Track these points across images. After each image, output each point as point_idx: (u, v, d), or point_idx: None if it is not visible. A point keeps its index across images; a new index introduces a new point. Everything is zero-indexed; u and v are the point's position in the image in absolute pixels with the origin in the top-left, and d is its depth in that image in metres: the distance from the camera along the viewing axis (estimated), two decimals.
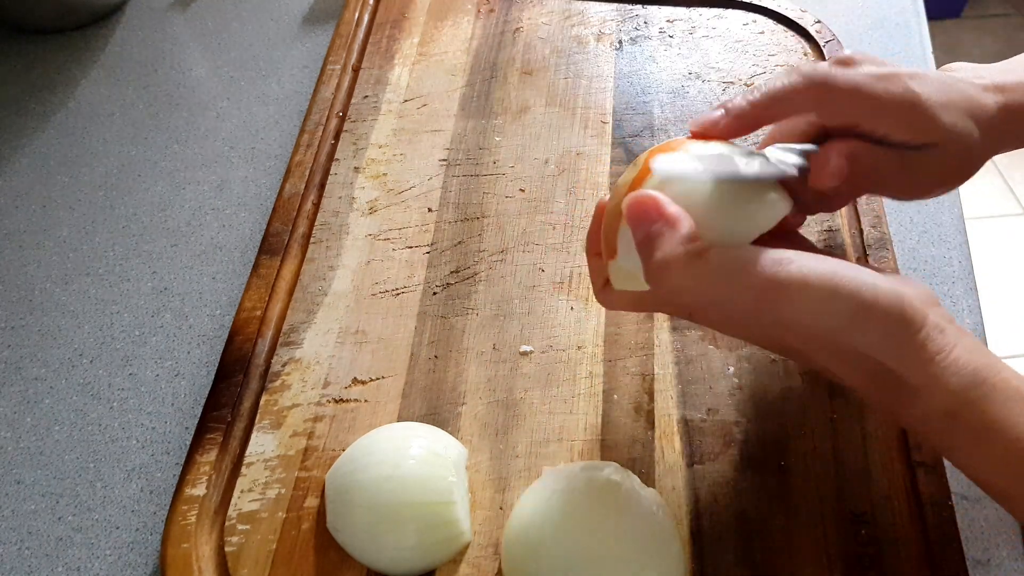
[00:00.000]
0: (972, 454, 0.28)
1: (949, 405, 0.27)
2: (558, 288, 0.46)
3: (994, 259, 1.50)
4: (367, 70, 0.59)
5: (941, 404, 0.27)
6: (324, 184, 0.52)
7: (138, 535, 0.40)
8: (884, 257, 0.45)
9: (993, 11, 1.99)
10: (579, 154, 0.52)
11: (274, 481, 0.39)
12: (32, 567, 0.39)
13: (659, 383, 0.41)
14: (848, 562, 0.35)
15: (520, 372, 0.42)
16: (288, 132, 0.58)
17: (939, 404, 0.27)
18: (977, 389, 0.27)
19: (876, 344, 0.27)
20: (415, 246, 0.48)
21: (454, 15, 0.62)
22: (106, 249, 0.52)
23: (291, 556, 0.37)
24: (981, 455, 0.28)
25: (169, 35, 0.66)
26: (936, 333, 0.28)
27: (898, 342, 0.27)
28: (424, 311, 0.45)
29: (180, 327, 0.47)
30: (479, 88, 0.57)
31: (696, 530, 0.36)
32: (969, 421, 0.27)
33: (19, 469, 0.42)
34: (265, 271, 0.47)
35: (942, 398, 0.27)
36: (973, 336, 0.29)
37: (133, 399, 0.45)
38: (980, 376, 0.27)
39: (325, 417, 0.41)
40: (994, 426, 0.27)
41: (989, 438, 0.27)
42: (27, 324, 0.48)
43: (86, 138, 0.58)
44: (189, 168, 0.56)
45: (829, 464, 0.38)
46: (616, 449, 0.39)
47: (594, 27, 0.60)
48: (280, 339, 0.44)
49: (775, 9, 0.59)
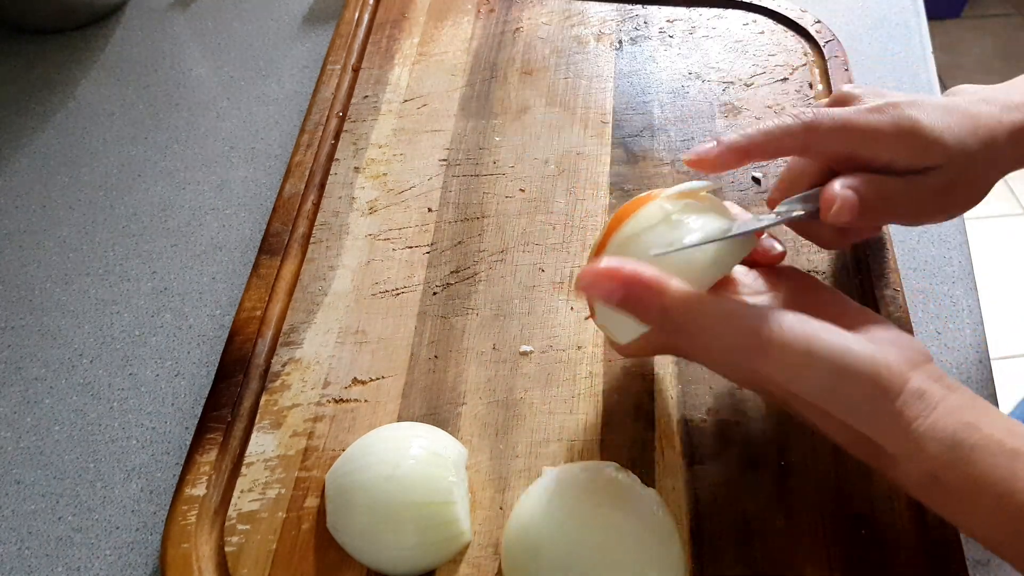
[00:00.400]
0: (960, 513, 0.28)
1: (930, 468, 0.27)
2: (558, 288, 0.46)
3: (994, 259, 1.50)
4: (367, 70, 0.59)
5: (922, 468, 0.27)
6: (324, 184, 0.52)
7: (138, 535, 0.40)
8: (884, 257, 0.45)
9: (993, 11, 1.99)
10: (579, 154, 0.52)
11: (274, 481, 0.39)
12: (32, 567, 0.39)
13: (659, 383, 0.41)
14: (848, 562, 0.35)
15: (520, 372, 0.42)
16: (288, 132, 0.58)
17: (919, 468, 0.27)
18: (957, 451, 0.27)
19: (850, 411, 0.27)
20: (415, 246, 0.48)
21: (454, 15, 0.62)
22: (106, 249, 0.52)
23: (291, 556, 0.37)
24: (970, 513, 0.27)
25: (169, 35, 0.66)
26: (914, 399, 0.27)
27: (873, 410, 0.27)
28: (424, 311, 0.45)
29: (180, 327, 0.47)
30: (479, 88, 0.57)
31: (696, 530, 0.36)
32: (952, 483, 0.27)
33: (19, 469, 0.42)
34: (265, 271, 0.47)
35: (922, 463, 0.27)
36: (963, 391, 0.29)
37: (133, 399, 0.45)
38: (959, 437, 0.27)
39: (325, 417, 0.41)
40: (979, 485, 0.26)
41: (975, 498, 0.27)
42: (27, 324, 0.48)
43: (86, 138, 0.58)
44: (189, 168, 0.56)
45: (829, 464, 0.38)
46: (616, 449, 0.39)
47: (594, 27, 0.60)
48: (280, 339, 0.44)
49: (775, 9, 0.59)
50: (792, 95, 0.54)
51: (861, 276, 0.45)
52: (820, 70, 0.56)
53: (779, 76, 0.56)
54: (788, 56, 0.57)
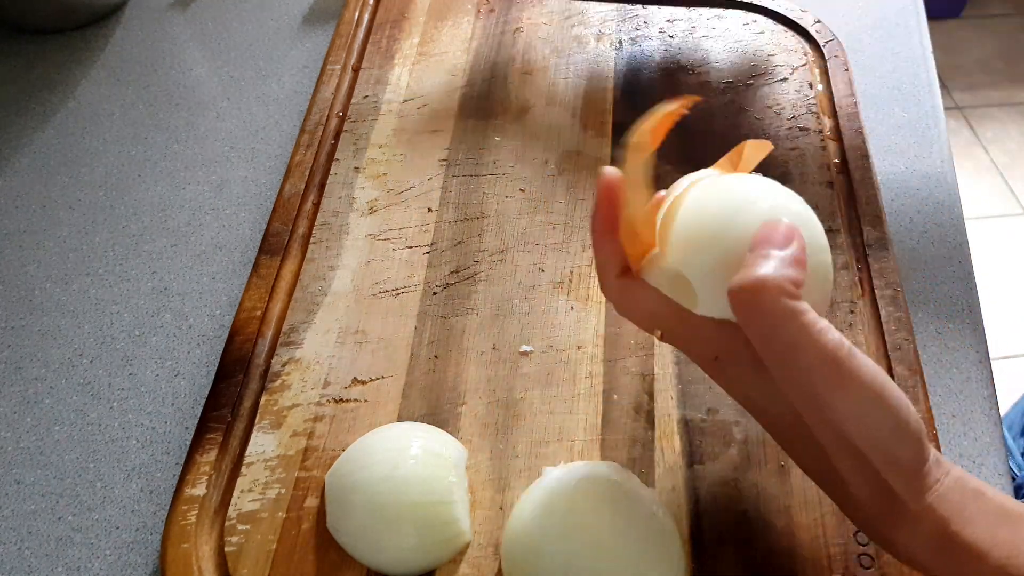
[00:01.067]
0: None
1: (936, 531, 0.27)
2: (558, 288, 0.46)
3: (994, 259, 1.50)
4: (367, 70, 0.59)
5: (928, 531, 0.28)
6: (324, 184, 0.52)
7: (138, 535, 0.40)
8: (884, 257, 0.45)
9: (993, 11, 1.99)
10: (579, 154, 0.52)
11: (274, 481, 0.39)
12: (32, 567, 0.39)
13: (659, 383, 0.41)
14: (848, 562, 0.35)
15: (520, 372, 0.42)
16: (288, 132, 0.58)
17: (927, 531, 0.28)
18: (960, 516, 0.27)
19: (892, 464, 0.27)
20: (415, 246, 0.48)
21: (454, 15, 0.62)
22: (106, 249, 0.52)
23: (291, 556, 0.37)
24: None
25: (169, 35, 0.66)
26: (935, 465, 0.28)
27: (911, 468, 0.27)
28: (424, 311, 0.45)
29: (180, 327, 0.47)
30: (479, 88, 0.57)
31: (696, 530, 0.36)
32: (953, 550, 0.27)
33: (19, 469, 0.42)
34: (265, 271, 0.47)
35: (930, 526, 0.27)
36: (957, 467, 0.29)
37: (133, 399, 0.45)
38: (963, 505, 0.27)
39: (325, 417, 0.41)
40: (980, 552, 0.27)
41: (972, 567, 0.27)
42: (27, 324, 0.48)
43: (86, 138, 0.58)
44: (189, 168, 0.56)
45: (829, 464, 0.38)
46: (616, 449, 0.39)
47: (594, 27, 0.60)
48: (280, 339, 0.44)
49: (775, 9, 0.59)
50: (792, 95, 0.54)
51: (861, 276, 0.45)
52: (820, 70, 0.56)
53: (779, 76, 0.56)
54: (788, 56, 0.57)
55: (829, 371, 0.26)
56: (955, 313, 0.45)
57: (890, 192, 0.51)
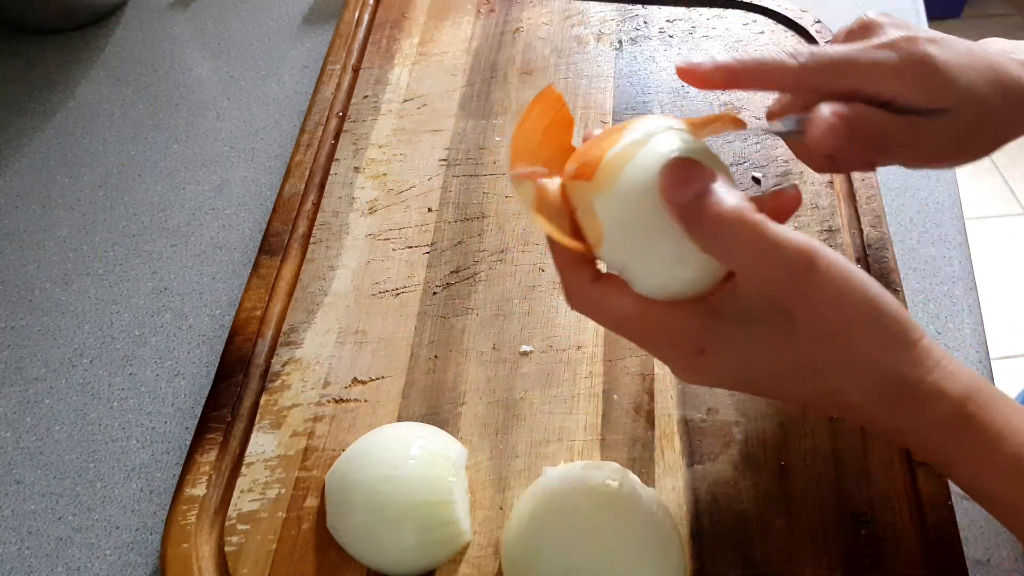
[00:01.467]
0: (974, 465, 0.28)
1: (951, 413, 0.27)
2: (558, 288, 0.46)
3: (994, 259, 1.50)
4: (367, 70, 0.59)
5: (944, 412, 0.27)
6: (324, 184, 0.52)
7: (138, 535, 0.40)
8: (884, 257, 0.45)
9: (993, 11, 1.99)
10: None
11: (274, 481, 0.39)
12: (32, 567, 0.39)
13: (659, 383, 0.41)
14: (848, 562, 0.35)
15: (520, 372, 0.42)
16: (288, 132, 0.58)
17: (942, 412, 0.27)
18: (977, 396, 0.27)
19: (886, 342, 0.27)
20: (415, 246, 0.48)
21: (454, 15, 0.62)
22: (106, 249, 0.52)
23: (291, 556, 0.37)
24: (983, 465, 0.28)
25: (169, 35, 0.66)
26: (931, 344, 0.28)
27: (905, 344, 0.27)
28: (424, 311, 0.45)
29: (180, 327, 0.48)
30: (479, 88, 0.57)
31: (696, 530, 0.36)
32: (971, 431, 0.27)
33: (19, 469, 0.42)
34: (265, 271, 0.47)
35: (945, 406, 0.27)
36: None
37: (133, 399, 0.45)
38: (976, 384, 0.27)
39: (325, 417, 0.41)
40: (997, 436, 0.27)
41: (991, 449, 0.27)
42: (27, 324, 0.48)
43: (86, 138, 0.58)
44: (189, 168, 0.56)
45: (829, 464, 0.38)
46: (616, 449, 0.39)
47: (594, 27, 0.60)
48: (280, 339, 0.44)
49: (775, 9, 0.59)
50: None
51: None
52: None
53: None
54: None
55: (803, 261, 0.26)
56: (955, 313, 0.45)
57: (890, 192, 0.51)
